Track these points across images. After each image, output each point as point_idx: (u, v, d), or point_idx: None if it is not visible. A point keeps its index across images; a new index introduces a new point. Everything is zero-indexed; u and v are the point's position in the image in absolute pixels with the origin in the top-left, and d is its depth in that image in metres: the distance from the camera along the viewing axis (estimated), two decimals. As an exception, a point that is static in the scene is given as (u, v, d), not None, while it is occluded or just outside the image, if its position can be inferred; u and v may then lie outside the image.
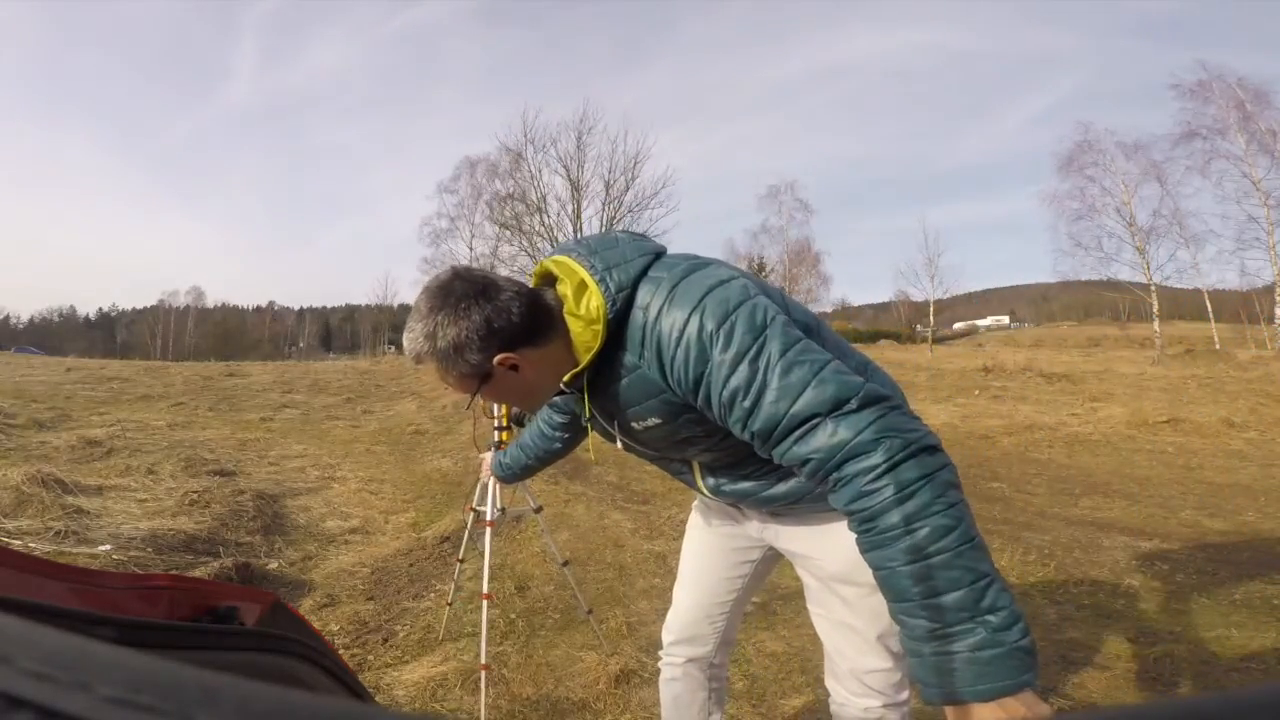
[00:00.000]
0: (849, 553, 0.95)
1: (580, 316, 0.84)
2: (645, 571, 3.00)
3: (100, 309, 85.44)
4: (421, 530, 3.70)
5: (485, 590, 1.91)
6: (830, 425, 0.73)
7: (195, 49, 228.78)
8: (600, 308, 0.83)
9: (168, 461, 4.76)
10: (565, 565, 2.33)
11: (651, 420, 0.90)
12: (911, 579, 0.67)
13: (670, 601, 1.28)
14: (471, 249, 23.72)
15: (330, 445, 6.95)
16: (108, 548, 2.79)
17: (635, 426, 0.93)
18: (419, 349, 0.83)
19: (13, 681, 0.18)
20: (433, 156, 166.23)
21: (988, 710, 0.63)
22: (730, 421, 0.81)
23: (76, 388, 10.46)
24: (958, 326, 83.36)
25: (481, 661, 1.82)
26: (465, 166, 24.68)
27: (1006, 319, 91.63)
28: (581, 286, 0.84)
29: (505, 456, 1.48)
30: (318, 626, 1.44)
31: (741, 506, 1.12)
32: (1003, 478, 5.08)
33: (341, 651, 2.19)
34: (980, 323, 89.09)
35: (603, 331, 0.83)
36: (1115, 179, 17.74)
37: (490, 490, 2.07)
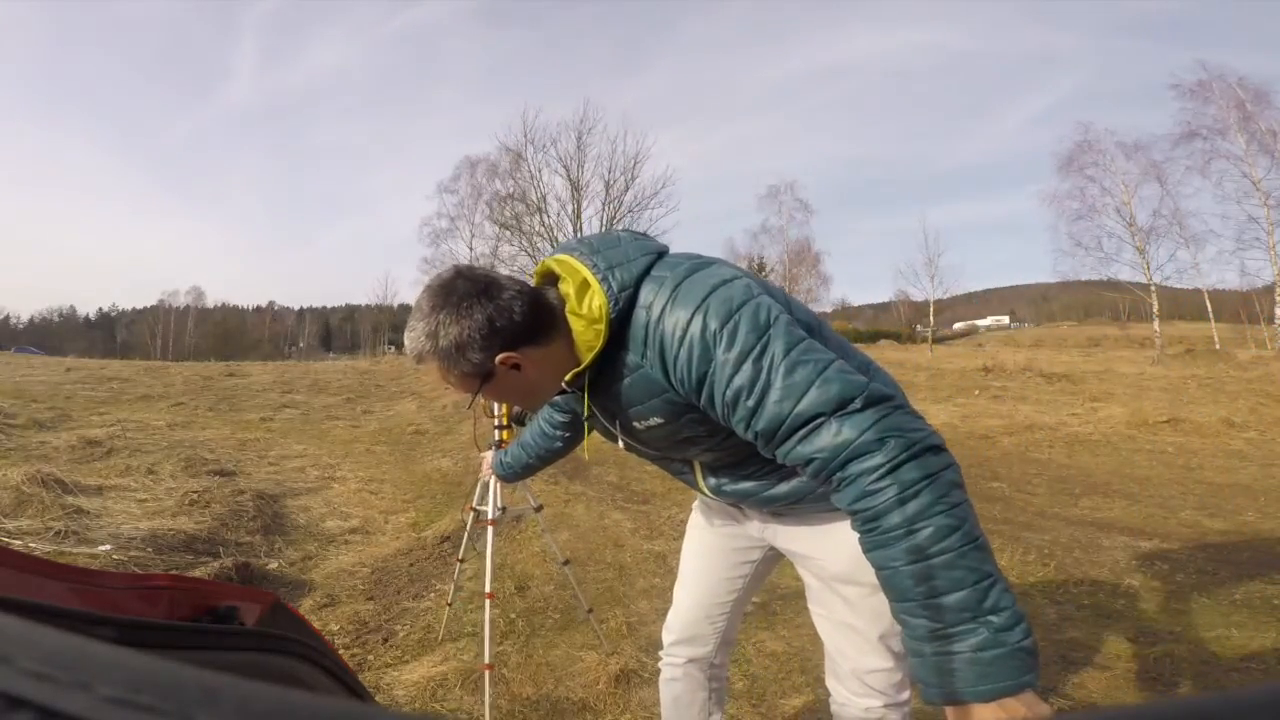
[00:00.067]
0: (850, 552, 0.95)
1: (582, 316, 0.84)
2: (645, 571, 3.00)
3: (100, 309, 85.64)
4: (421, 530, 3.70)
5: (488, 589, 1.90)
6: (834, 425, 0.73)
7: (195, 49, 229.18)
8: (603, 307, 0.82)
9: (168, 461, 4.76)
10: (566, 564, 2.33)
11: (653, 420, 0.90)
12: (914, 579, 0.67)
13: (670, 601, 1.28)
14: (471, 249, 23.71)
15: (330, 445, 6.95)
16: (108, 548, 2.79)
17: (637, 426, 0.92)
18: (421, 348, 0.83)
19: (13, 681, 0.18)
20: (433, 156, 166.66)
21: (988, 710, 0.63)
22: (733, 421, 0.80)
23: (76, 388, 10.46)
24: (958, 326, 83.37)
25: (485, 661, 1.81)
26: (465, 166, 24.71)
27: (1006, 319, 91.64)
28: (584, 286, 0.84)
29: (506, 455, 1.47)
30: (318, 626, 1.44)
31: (743, 506, 1.11)
32: (1003, 478, 5.07)
33: (341, 651, 2.19)
34: (980, 323, 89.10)
35: (605, 331, 0.83)
36: (1115, 179, 17.76)
37: (491, 489, 2.07)
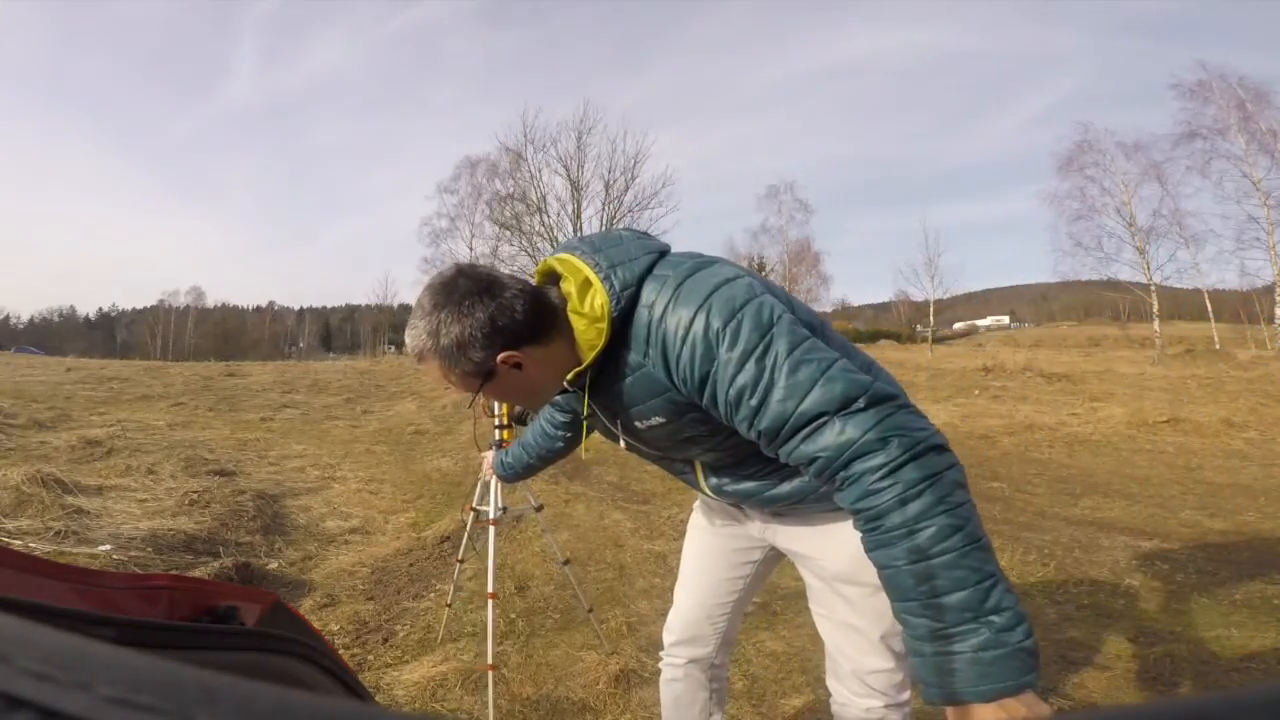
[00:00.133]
0: (852, 553, 0.94)
1: (584, 315, 0.83)
2: (645, 571, 3.00)
3: (100, 309, 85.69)
4: (421, 530, 3.69)
5: (490, 589, 1.89)
6: (838, 424, 0.72)
7: (195, 49, 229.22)
8: (604, 306, 0.82)
9: (168, 461, 4.76)
10: (566, 564, 2.33)
11: (655, 419, 0.89)
12: (916, 578, 0.67)
13: (670, 601, 1.28)
14: (471, 249, 23.72)
15: (330, 445, 6.95)
16: (108, 548, 2.79)
17: (639, 425, 0.92)
18: (422, 346, 0.83)
19: (13, 681, 0.18)
20: (433, 156, 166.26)
21: (988, 710, 0.62)
22: (736, 420, 0.80)
23: (76, 388, 10.46)
24: (958, 326, 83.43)
25: (488, 661, 1.81)
26: (465, 166, 24.71)
27: (1006, 319, 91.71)
28: (586, 284, 0.84)
29: (507, 456, 1.47)
30: (318, 626, 1.44)
31: (744, 507, 1.11)
32: (1003, 478, 5.07)
33: (341, 651, 2.19)
34: (980, 323, 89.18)
35: (607, 330, 0.83)
36: (1115, 179, 17.78)
37: (492, 489, 2.06)
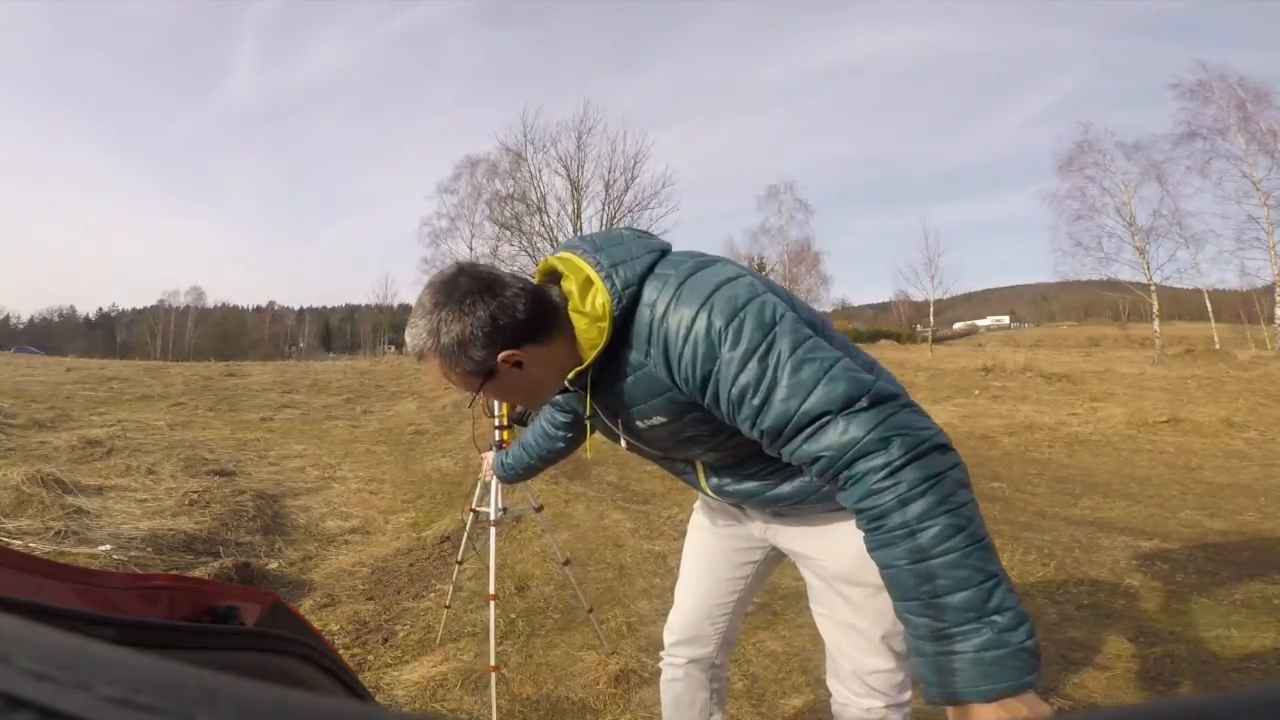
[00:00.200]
0: (853, 553, 0.94)
1: (585, 314, 0.83)
2: (645, 571, 3.00)
3: (100, 309, 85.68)
4: (421, 530, 3.69)
5: (491, 591, 1.89)
6: (841, 423, 0.72)
7: (195, 49, 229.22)
8: (606, 305, 0.81)
9: (168, 461, 4.76)
10: (566, 565, 2.33)
11: (656, 419, 0.89)
12: (919, 578, 0.67)
13: (671, 601, 1.28)
14: (471, 249, 23.71)
15: (330, 445, 6.95)
16: (108, 548, 2.79)
17: (640, 425, 0.92)
18: (422, 345, 0.82)
19: (13, 681, 0.18)
20: (433, 156, 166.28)
21: (989, 710, 0.62)
22: (739, 420, 0.80)
23: (76, 388, 10.45)
24: (958, 326, 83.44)
25: (490, 663, 1.81)
26: (465, 166, 24.70)
27: (1006, 319, 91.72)
28: (587, 283, 0.83)
29: (508, 457, 1.46)
30: (318, 626, 1.44)
31: (745, 507, 1.11)
32: (1003, 478, 5.07)
33: (341, 651, 2.19)
34: (980, 323, 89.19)
35: (608, 329, 0.82)
36: (1115, 179, 17.76)
37: (492, 490, 2.06)
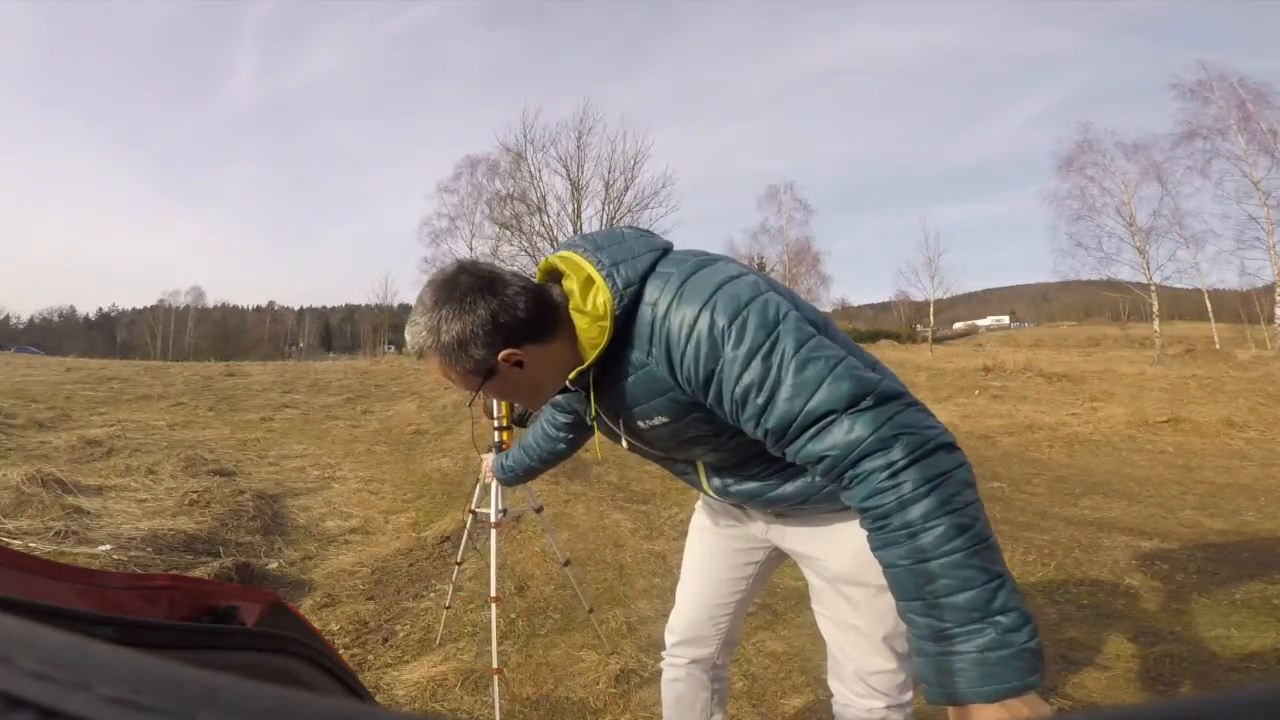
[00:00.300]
0: (855, 553, 0.94)
1: (586, 313, 0.83)
2: (645, 571, 2.99)
3: (100, 309, 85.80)
4: (421, 530, 3.70)
5: (493, 593, 1.89)
6: (846, 422, 0.72)
7: (196, 49, 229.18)
8: (607, 303, 0.81)
9: (168, 461, 4.75)
10: (566, 565, 2.33)
11: (658, 419, 0.89)
12: (924, 578, 0.67)
13: (671, 601, 1.28)
14: (471, 249, 23.71)
15: (330, 445, 6.94)
16: (108, 548, 2.79)
17: (641, 425, 0.92)
18: (422, 343, 0.82)
19: (13, 681, 0.18)
20: (433, 156, 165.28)
21: (991, 711, 0.62)
22: (742, 419, 0.79)
23: (76, 388, 10.45)
24: (958, 326, 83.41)
25: (493, 665, 1.81)
26: (465, 166, 24.70)
27: (1006, 319, 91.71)
28: (588, 282, 0.83)
29: (507, 459, 1.45)
30: (318, 626, 1.44)
31: (746, 507, 1.11)
32: (1003, 478, 5.07)
33: (341, 651, 2.19)
34: (980, 323, 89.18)
35: (609, 328, 0.82)
36: (1115, 179, 17.75)
37: (493, 491, 2.05)
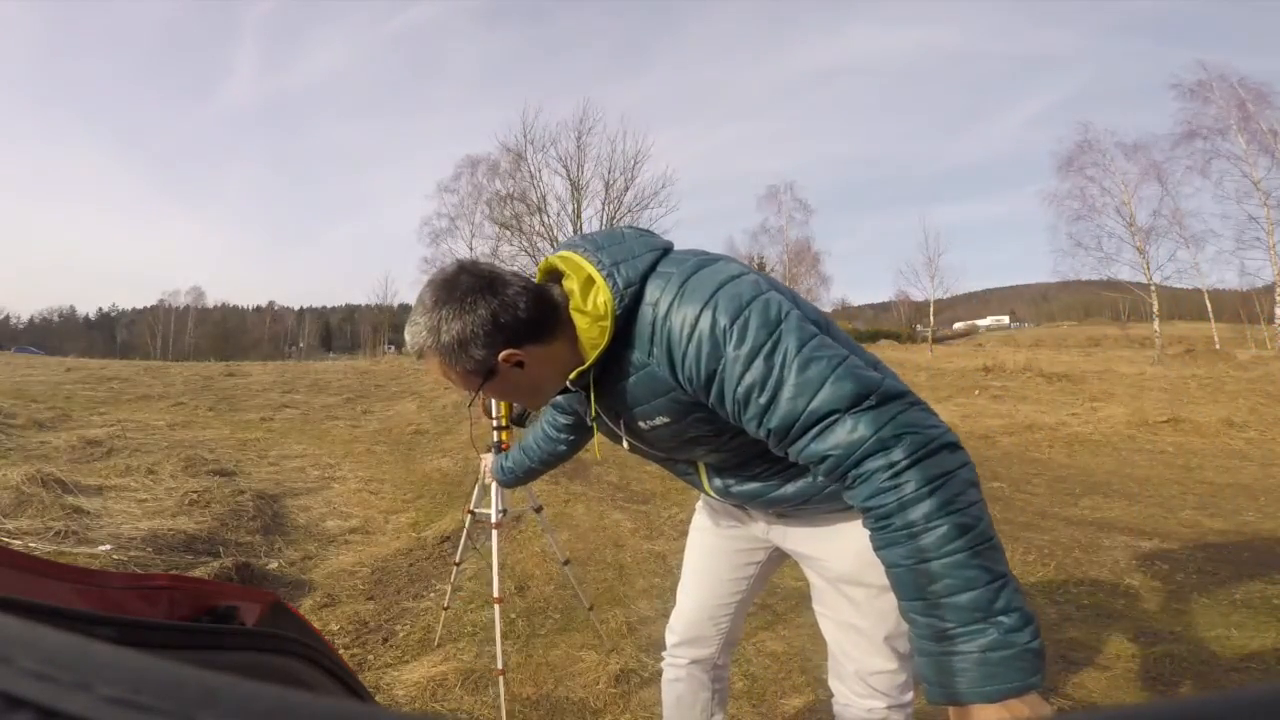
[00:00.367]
0: (857, 554, 0.94)
1: (587, 313, 0.82)
2: (645, 571, 2.99)
3: (100, 309, 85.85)
4: (421, 530, 3.69)
5: (496, 594, 1.89)
6: (850, 421, 0.71)
7: (196, 49, 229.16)
8: (608, 303, 0.81)
9: (168, 461, 4.75)
10: (566, 564, 2.33)
11: (659, 419, 0.88)
12: (927, 578, 0.67)
13: (671, 601, 1.28)
14: (471, 248, 23.71)
15: (330, 445, 6.94)
16: (108, 548, 2.79)
17: (642, 426, 0.91)
18: (422, 343, 0.82)
19: (13, 681, 0.18)
20: (433, 156, 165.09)
21: (991, 711, 0.62)
22: (744, 419, 0.79)
23: (76, 388, 10.45)
24: (958, 326, 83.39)
25: (497, 666, 1.82)
26: (466, 165, 24.71)
27: (1006, 319, 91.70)
28: (589, 282, 0.83)
29: (507, 460, 1.45)
30: (318, 626, 1.44)
31: (748, 508, 1.10)
32: (1003, 478, 5.07)
33: (341, 651, 2.19)
34: (980, 323, 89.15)
35: (610, 328, 0.82)
36: (1115, 179, 17.75)
37: (493, 491, 2.04)
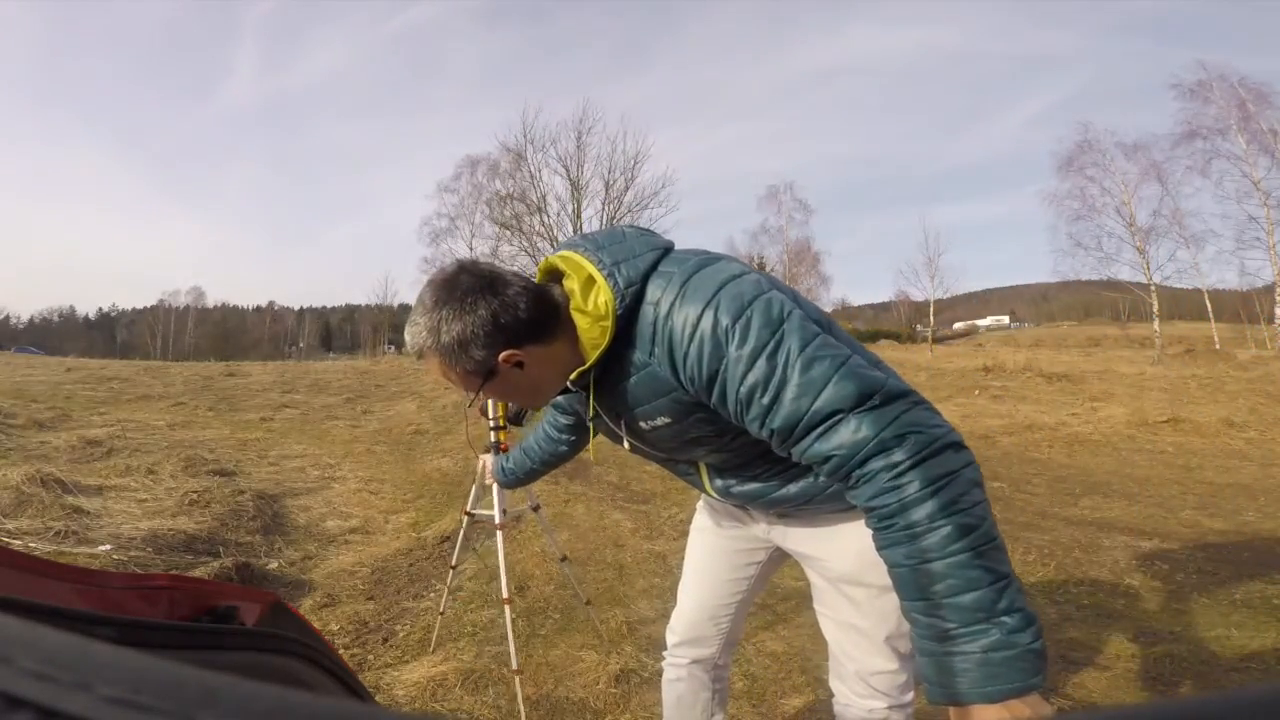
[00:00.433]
0: (858, 554, 0.94)
1: (588, 313, 0.82)
2: (645, 571, 2.99)
3: (100, 309, 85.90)
4: (421, 530, 3.69)
5: (505, 595, 1.90)
6: (854, 421, 0.71)
7: (196, 49, 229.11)
8: (609, 303, 0.80)
9: (168, 461, 4.75)
10: (563, 560, 2.33)
11: (660, 420, 0.88)
12: (929, 578, 0.66)
13: (671, 601, 1.28)
14: (471, 248, 23.71)
15: (330, 445, 6.94)
16: (108, 548, 2.79)
17: (643, 426, 0.91)
18: (422, 343, 0.81)
19: (13, 681, 0.18)
20: (433, 156, 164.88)
21: (992, 711, 0.62)
22: (747, 419, 0.78)
23: (76, 388, 10.45)
24: (958, 326, 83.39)
25: (513, 666, 1.83)
26: (466, 165, 24.71)
27: (1006, 319, 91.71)
28: (589, 282, 0.82)
29: (508, 462, 1.45)
30: (318, 626, 1.44)
31: (749, 508, 1.10)
32: (1003, 478, 5.07)
33: (341, 651, 2.19)
34: (980, 323, 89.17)
35: (611, 328, 0.81)
36: (1115, 179, 17.73)
37: (495, 493, 2.03)
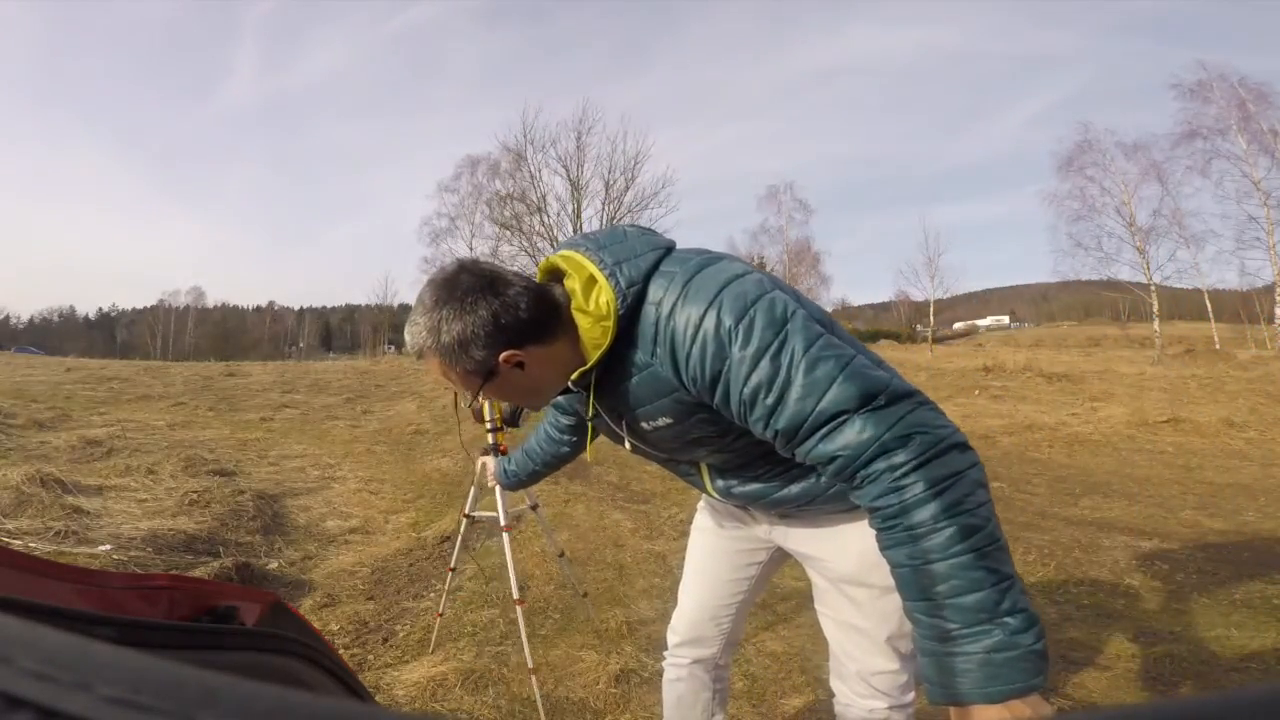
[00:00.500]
0: (859, 554, 0.94)
1: (589, 313, 0.82)
2: (645, 571, 2.99)
3: (100, 309, 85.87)
4: (421, 530, 3.69)
5: (515, 595, 1.91)
6: (858, 422, 0.71)
7: (196, 49, 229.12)
8: (610, 303, 0.80)
9: (168, 461, 4.75)
10: (561, 556, 2.34)
11: (662, 420, 0.88)
12: (932, 579, 0.66)
13: (671, 601, 1.28)
14: (472, 248, 23.72)
15: (330, 445, 6.94)
16: (108, 548, 2.79)
17: (644, 427, 0.90)
18: (422, 343, 0.81)
19: (13, 681, 0.18)
20: (433, 156, 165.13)
21: (993, 711, 0.62)
22: (751, 420, 0.78)
23: (76, 388, 10.45)
24: (958, 326, 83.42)
25: (529, 665, 1.85)
26: (466, 165, 24.73)
27: (1006, 319, 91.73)
28: (590, 282, 0.82)
29: (510, 464, 1.45)
30: (318, 626, 1.44)
31: (750, 508, 1.10)
32: (1003, 478, 5.06)
33: (341, 651, 2.19)
34: (980, 323, 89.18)
35: (613, 328, 0.81)
36: (1115, 179, 17.73)
37: (497, 494, 2.01)
